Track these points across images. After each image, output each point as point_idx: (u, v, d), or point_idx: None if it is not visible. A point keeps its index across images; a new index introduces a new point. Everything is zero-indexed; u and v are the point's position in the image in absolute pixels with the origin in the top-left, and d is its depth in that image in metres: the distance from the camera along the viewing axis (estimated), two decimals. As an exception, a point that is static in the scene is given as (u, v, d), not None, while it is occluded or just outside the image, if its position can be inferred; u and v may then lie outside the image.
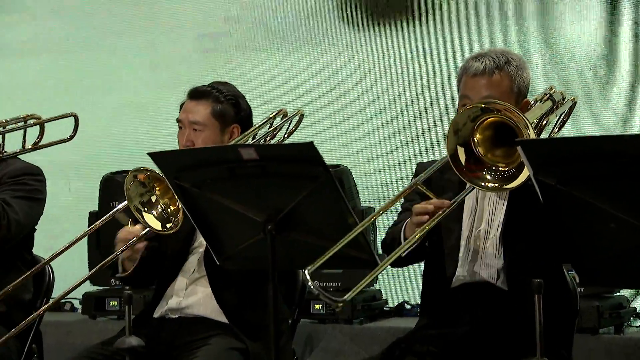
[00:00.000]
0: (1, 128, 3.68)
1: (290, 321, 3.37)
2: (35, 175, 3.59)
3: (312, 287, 2.42)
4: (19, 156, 3.71)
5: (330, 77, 5.52)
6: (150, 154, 2.78)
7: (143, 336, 2.90)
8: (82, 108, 4.35)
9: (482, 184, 2.64)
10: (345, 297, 2.49)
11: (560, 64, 5.02)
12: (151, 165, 2.84)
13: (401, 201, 3.01)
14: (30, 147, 3.77)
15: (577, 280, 2.89)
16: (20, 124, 3.75)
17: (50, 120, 3.88)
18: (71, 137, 3.94)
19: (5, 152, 3.65)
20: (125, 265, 3.24)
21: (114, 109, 5.96)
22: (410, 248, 2.72)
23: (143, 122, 5.82)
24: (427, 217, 2.69)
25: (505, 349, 2.80)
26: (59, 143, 3.92)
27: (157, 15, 5.96)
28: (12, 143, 3.73)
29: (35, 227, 3.64)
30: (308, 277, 2.43)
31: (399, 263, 2.88)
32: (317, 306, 4.56)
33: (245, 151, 2.61)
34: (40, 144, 3.80)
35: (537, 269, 2.70)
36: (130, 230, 3.18)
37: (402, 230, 2.84)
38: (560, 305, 2.87)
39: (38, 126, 3.77)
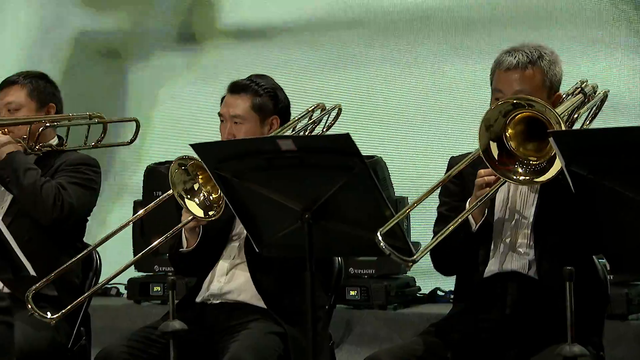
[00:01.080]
0: (67, 121, 3.71)
1: (327, 307, 3.36)
2: (92, 167, 3.61)
3: (384, 247, 2.43)
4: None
5: (367, 71, 5.48)
6: (192, 145, 2.77)
7: (186, 320, 2.90)
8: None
9: (514, 177, 2.61)
10: (414, 256, 2.51)
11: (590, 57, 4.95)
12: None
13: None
14: (92, 144, 3.79)
15: (608, 268, 2.85)
16: (84, 121, 3.77)
17: (113, 122, 3.91)
18: (131, 141, 3.96)
19: (66, 145, 3.68)
20: (189, 241, 3.25)
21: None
22: (479, 223, 2.76)
23: (185, 114, 5.81)
24: (487, 189, 2.69)
25: (538, 336, 2.78)
26: (119, 145, 3.95)
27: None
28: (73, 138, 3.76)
29: (87, 218, 3.65)
30: (380, 238, 2.44)
31: (448, 269, 2.95)
32: (353, 292, 4.55)
33: (283, 142, 2.61)
34: (101, 142, 3.83)
35: (567, 259, 2.66)
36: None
37: (467, 204, 2.80)
38: (591, 293, 2.84)
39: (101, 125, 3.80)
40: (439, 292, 4.83)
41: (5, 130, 3.58)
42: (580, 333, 2.41)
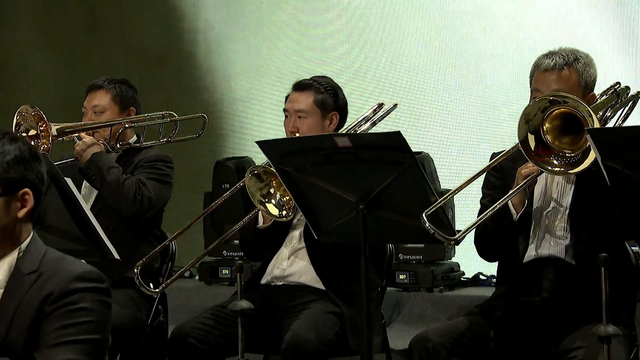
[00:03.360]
0: (144, 122, 3.73)
1: (379, 289, 3.34)
2: (167, 162, 3.63)
3: (428, 227, 2.46)
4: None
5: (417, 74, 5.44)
6: (257, 142, 2.78)
7: (251, 300, 2.91)
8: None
9: (549, 168, 2.58)
10: (457, 235, 2.55)
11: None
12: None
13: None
14: (165, 140, 3.81)
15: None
16: (159, 120, 3.81)
17: (184, 119, 3.93)
18: (199, 135, 3.98)
19: (142, 142, 3.71)
20: (265, 218, 3.26)
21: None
22: (519, 212, 2.74)
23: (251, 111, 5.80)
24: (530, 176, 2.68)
25: (574, 316, 2.73)
26: (189, 139, 3.98)
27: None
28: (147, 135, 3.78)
29: (164, 209, 3.67)
30: (425, 219, 2.47)
31: (491, 255, 2.91)
32: (402, 276, 4.53)
33: (340, 140, 2.61)
34: (173, 138, 3.85)
35: (602, 245, 2.63)
36: None
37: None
38: (623, 277, 2.78)
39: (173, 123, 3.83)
40: (481, 277, 4.78)
41: (90, 132, 3.62)
42: (613, 314, 2.38)
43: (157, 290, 3.17)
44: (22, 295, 1.89)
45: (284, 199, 3.13)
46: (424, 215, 2.45)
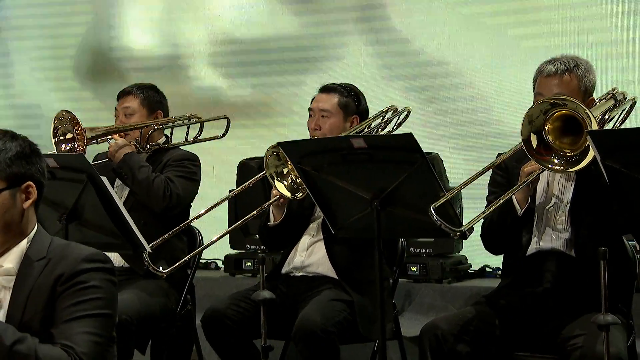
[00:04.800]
0: (171, 123, 3.77)
1: (391, 280, 3.34)
2: (193, 161, 3.65)
3: (437, 219, 2.45)
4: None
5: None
6: (279, 143, 2.79)
7: (272, 289, 2.92)
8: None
9: (550, 166, 2.57)
10: (462, 227, 2.55)
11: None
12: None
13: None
14: (191, 140, 3.84)
15: (638, 249, 2.79)
16: (185, 121, 3.83)
17: (209, 120, 3.96)
18: (223, 135, 4.00)
19: (170, 143, 3.73)
20: (275, 216, 3.26)
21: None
22: (523, 208, 2.73)
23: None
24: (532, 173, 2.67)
25: (575, 306, 2.72)
26: (213, 139, 4.00)
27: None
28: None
29: (191, 204, 3.68)
30: (433, 211, 2.46)
31: (496, 248, 2.90)
32: (413, 268, 4.51)
33: (355, 141, 2.61)
34: (199, 138, 3.87)
35: (600, 239, 2.62)
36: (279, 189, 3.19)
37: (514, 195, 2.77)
38: (621, 270, 2.77)
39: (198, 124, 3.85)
40: (487, 269, 4.75)
41: (122, 134, 3.65)
42: (611, 304, 2.37)
43: (165, 271, 3.15)
44: (33, 280, 1.92)
45: (298, 180, 3.13)
46: (432, 208, 2.45)
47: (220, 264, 5.15)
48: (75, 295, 1.89)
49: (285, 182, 3.17)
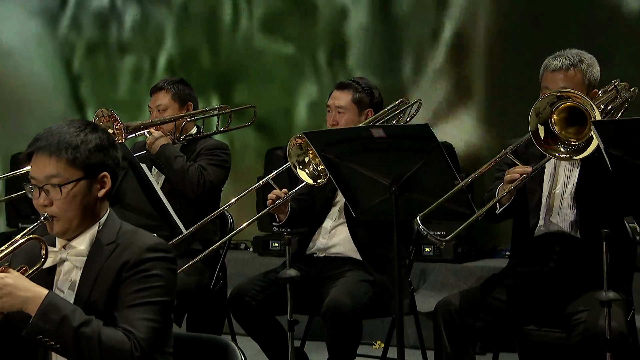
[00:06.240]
0: (202, 114, 3.78)
1: (407, 260, 3.35)
2: (224, 150, 3.67)
3: (422, 229, 2.45)
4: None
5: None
6: (304, 133, 2.80)
7: (297, 269, 2.94)
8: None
9: (557, 154, 2.57)
10: (448, 237, 2.57)
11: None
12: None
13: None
14: (222, 129, 3.86)
15: (639, 230, 2.78)
16: (215, 112, 3.85)
17: (237, 110, 3.97)
18: (250, 123, 4.01)
19: (202, 133, 3.74)
20: (279, 217, 3.28)
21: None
22: (504, 206, 2.72)
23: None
24: (514, 182, 2.65)
25: (579, 283, 2.73)
26: (242, 127, 4.01)
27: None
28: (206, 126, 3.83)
29: (221, 189, 3.70)
30: (420, 222, 2.45)
31: (494, 219, 2.84)
32: (427, 249, 4.52)
33: (375, 131, 2.61)
34: (229, 127, 3.89)
35: (603, 222, 2.61)
36: (276, 193, 3.21)
37: (497, 191, 2.78)
38: (622, 250, 2.76)
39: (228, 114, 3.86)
40: (497, 249, 4.76)
41: (158, 127, 3.67)
42: (613, 282, 2.37)
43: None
44: (102, 263, 1.92)
45: (320, 167, 3.15)
46: (418, 218, 2.45)
47: (249, 244, 5.19)
48: (139, 282, 1.89)
49: (307, 170, 3.18)
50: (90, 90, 6.00)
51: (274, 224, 3.34)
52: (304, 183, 3.20)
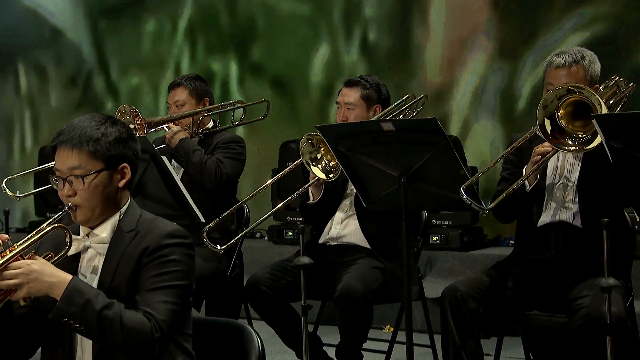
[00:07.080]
0: (218, 109, 3.78)
1: (415, 249, 3.35)
2: (240, 143, 3.67)
3: (467, 199, 2.46)
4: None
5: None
6: (317, 127, 2.80)
7: (311, 257, 2.95)
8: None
9: (566, 148, 2.56)
10: (490, 205, 2.57)
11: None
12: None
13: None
14: (237, 123, 3.86)
15: (638, 220, 2.78)
16: (230, 107, 3.85)
17: (251, 105, 3.97)
18: (264, 116, 4.02)
19: (219, 127, 3.75)
20: (314, 195, 3.28)
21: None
22: (531, 185, 2.74)
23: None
24: (540, 157, 2.67)
25: (580, 271, 2.73)
26: (256, 121, 4.01)
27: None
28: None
29: (238, 180, 3.72)
30: (463, 192, 2.47)
31: (506, 218, 2.89)
32: (435, 238, 4.52)
33: (385, 124, 2.61)
34: (243, 121, 3.89)
35: (604, 212, 2.60)
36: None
37: (524, 170, 2.76)
38: (622, 239, 2.76)
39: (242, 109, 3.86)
40: (501, 238, 4.76)
41: (176, 122, 3.67)
42: (613, 269, 2.37)
43: (221, 248, 3.17)
44: (123, 249, 1.94)
45: (331, 163, 3.15)
46: (462, 189, 2.45)
47: (265, 233, 5.20)
48: (158, 267, 1.90)
49: (319, 166, 3.19)
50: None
51: (307, 202, 3.30)
52: (316, 178, 3.19)
